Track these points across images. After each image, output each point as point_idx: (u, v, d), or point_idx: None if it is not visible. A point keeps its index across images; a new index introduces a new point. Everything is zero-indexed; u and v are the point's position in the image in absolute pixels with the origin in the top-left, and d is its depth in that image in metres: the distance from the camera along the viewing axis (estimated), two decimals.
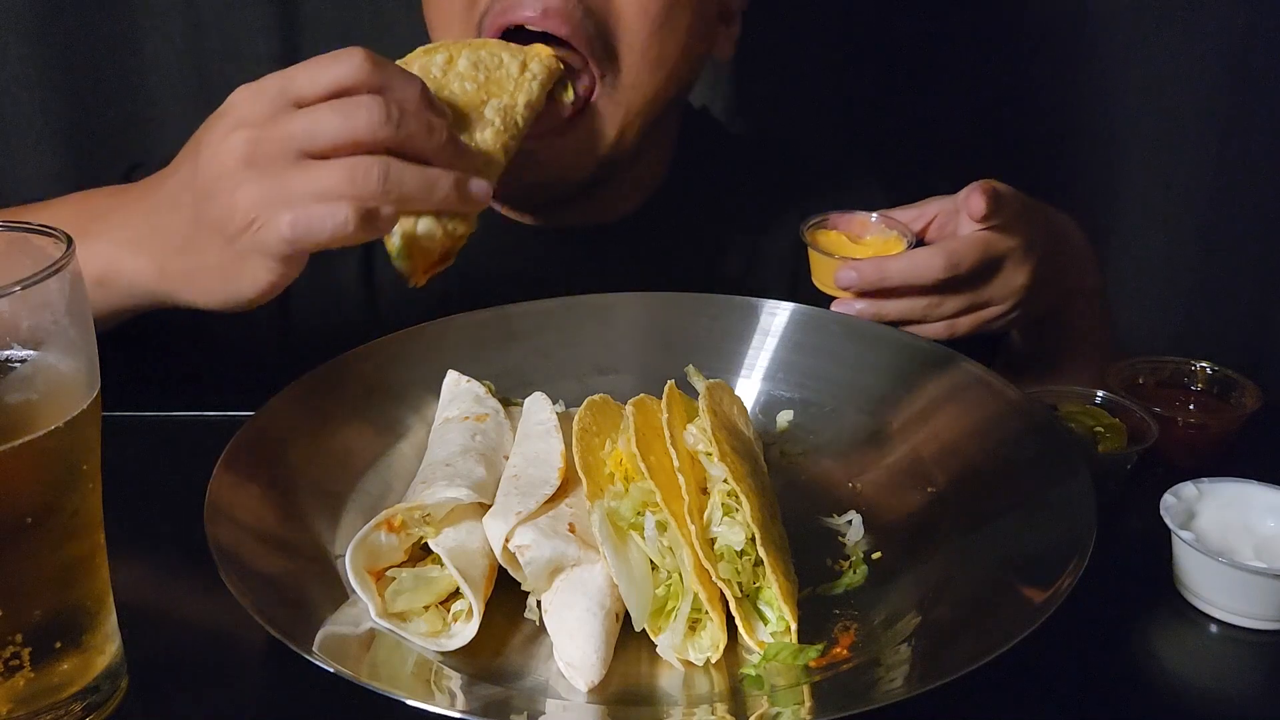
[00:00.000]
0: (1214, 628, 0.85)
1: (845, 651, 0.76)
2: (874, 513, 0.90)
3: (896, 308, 1.09)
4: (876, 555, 0.85)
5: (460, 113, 1.03)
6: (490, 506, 0.81)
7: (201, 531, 0.75)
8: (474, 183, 0.95)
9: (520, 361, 1.05)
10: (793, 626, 0.76)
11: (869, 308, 1.09)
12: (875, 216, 1.16)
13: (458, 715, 0.66)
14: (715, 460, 0.82)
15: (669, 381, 0.90)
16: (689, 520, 0.77)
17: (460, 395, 0.97)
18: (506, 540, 0.77)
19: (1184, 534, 0.85)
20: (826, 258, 1.12)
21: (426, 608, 0.77)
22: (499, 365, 1.03)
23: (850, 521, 0.89)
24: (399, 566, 0.78)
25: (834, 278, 1.10)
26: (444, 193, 0.93)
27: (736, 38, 1.34)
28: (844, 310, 1.10)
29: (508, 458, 0.89)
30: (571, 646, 0.73)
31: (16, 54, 1.70)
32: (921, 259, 1.08)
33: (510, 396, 0.99)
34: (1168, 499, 0.89)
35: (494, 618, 0.77)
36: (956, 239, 1.10)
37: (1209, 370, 1.10)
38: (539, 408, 0.94)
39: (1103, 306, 1.30)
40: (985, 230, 1.09)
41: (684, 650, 0.75)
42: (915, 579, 0.82)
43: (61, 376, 0.69)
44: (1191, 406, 1.08)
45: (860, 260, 1.09)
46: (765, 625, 0.77)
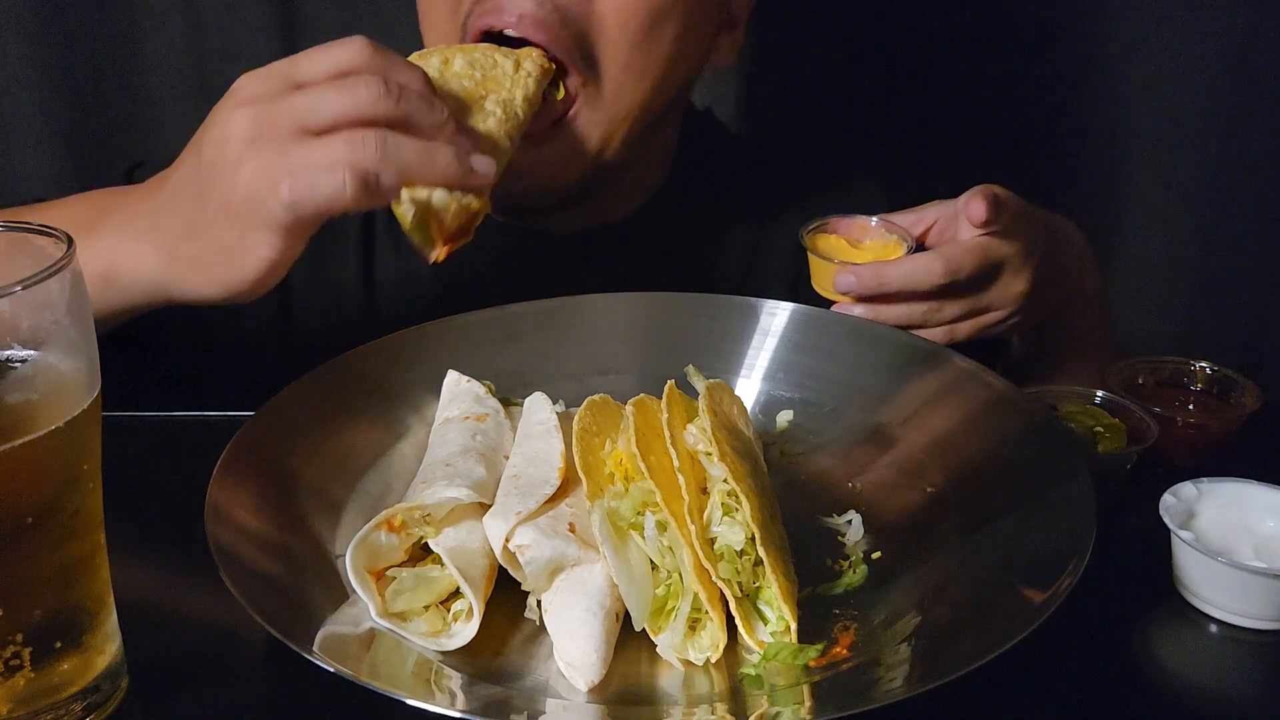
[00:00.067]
0: (1214, 628, 0.85)
1: (845, 651, 0.76)
2: (874, 513, 0.89)
3: (896, 313, 1.08)
4: (876, 555, 0.85)
5: (462, 105, 1.03)
6: (490, 506, 0.81)
7: (201, 531, 0.75)
8: (476, 158, 0.95)
9: (520, 361, 1.05)
10: (793, 626, 0.76)
11: (868, 313, 1.09)
12: (875, 221, 1.16)
13: (458, 715, 0.66)
14: (715, 460, 0.82)
15: (669, 381, 0.90)
16: (689, 520, 0.77)
17: (460, 395, 0.97)
18: (506, 540, 0.77)
19: (1184, 534, 0.85)
20: (826, 262, 1.11)
21: (427, 608, 0.77)
22: (499, 365, 1.03)
23: (850, 521, 0.89)
24: (399, 566, 0.78)
25: (833, 283, 1.09)
26: (445, 163, 0.93)
27: (739, 45, 1.32)
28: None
29: (508, 458, 0.89)
30: (571, 646, 0.73)
31: (16, 54, 1.70)
32: (921, 264, 1.07)
33: (510, 396, 0.99)
34: (1168, 499, 0.89)
35: (494, 618, 0.77)
36: (956, 244, 1.09)
37: (1209, 370, 1.10)
38: (539, 408, 0.94)
39: (1102, 309, 1.29)
40: (985, 236, 1.09)
41: (684, 650, 0.75)
42: (915, 579, 0.82)
43: (61, 376, 0.69)
44: (1191, 406, 1.08)
45: (859, 265, 1.09)
46: (765, 625, 0.77)
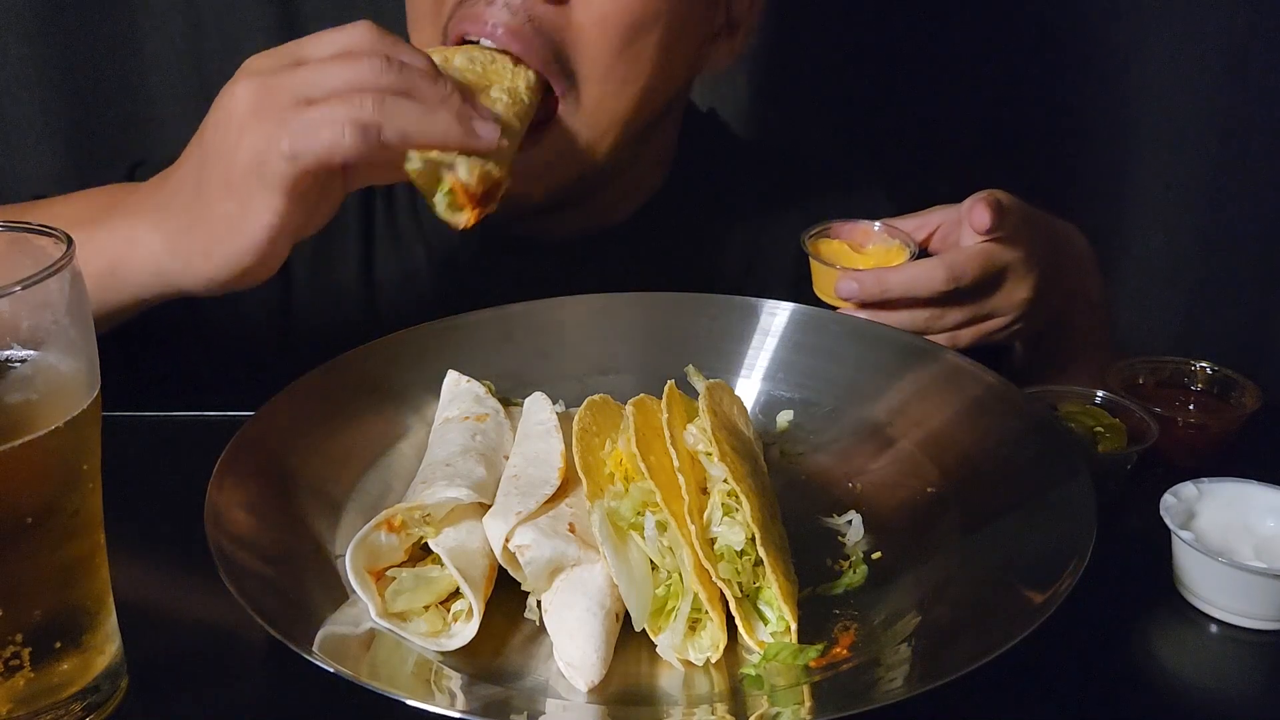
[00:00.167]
0: (1214, 628, 0.85)
1: (845, 651, 0.76)
2: (874, 513, 0.89)
3: (898, 320, 1.08)
4: (876, 555, 0.85)
5: (468, 91, 1.02)
6: (490, 506, 0.81)
7: (201, 531, 0.75)
8: (479, 122, 0.95)
9: (520, 362, 1.05)
10: (793, 626, 0.76)
11: (870, 319, 1.08)
12: (878, 226, 1.15)
13: (458, 715, 0.66)
14: (715, 460, 0.82)
15: (669, 381, 0.90)
16: (689, 520, 0.77)
17: (460, 395, 0.97)
18: (506, 540, 0.77)
19: (1184, 534, 0.85)
20: (827, 268, 1.11)
21: (426, 608, 0.77)
22: (499, 365, 1.03)
23: (850, 521, 0.89)
24: (399, 566, 0.78)
25: (835, 289, 1.09)
26: (445, 124, 0.93)
27: (739, 50, 1.31)
28: None
29: (508, 458, 0.89)
30: (571, 646, 0.73)
31: (16, 54, 1.70)
32: (923, 271, 1.07)
33: (510, 396, 0.99)
34: (1168, 499, 0.89)
35: (494, 618, 0.77)
36: (959, 250, 1.09)
37: (1209, 370, 1.10)
38: (539, 408, 0.94)
39: (1105, 313, 1.29)
40: (988, 241, 1.08)
41: (684, 650, 0.75)
42: (915, 579, 0.82)
43: (61, 376, 0.69)
44: (1191, 406, 1.08)
45: (861, 271, 1.08)
46: (765, 625, 0.77)
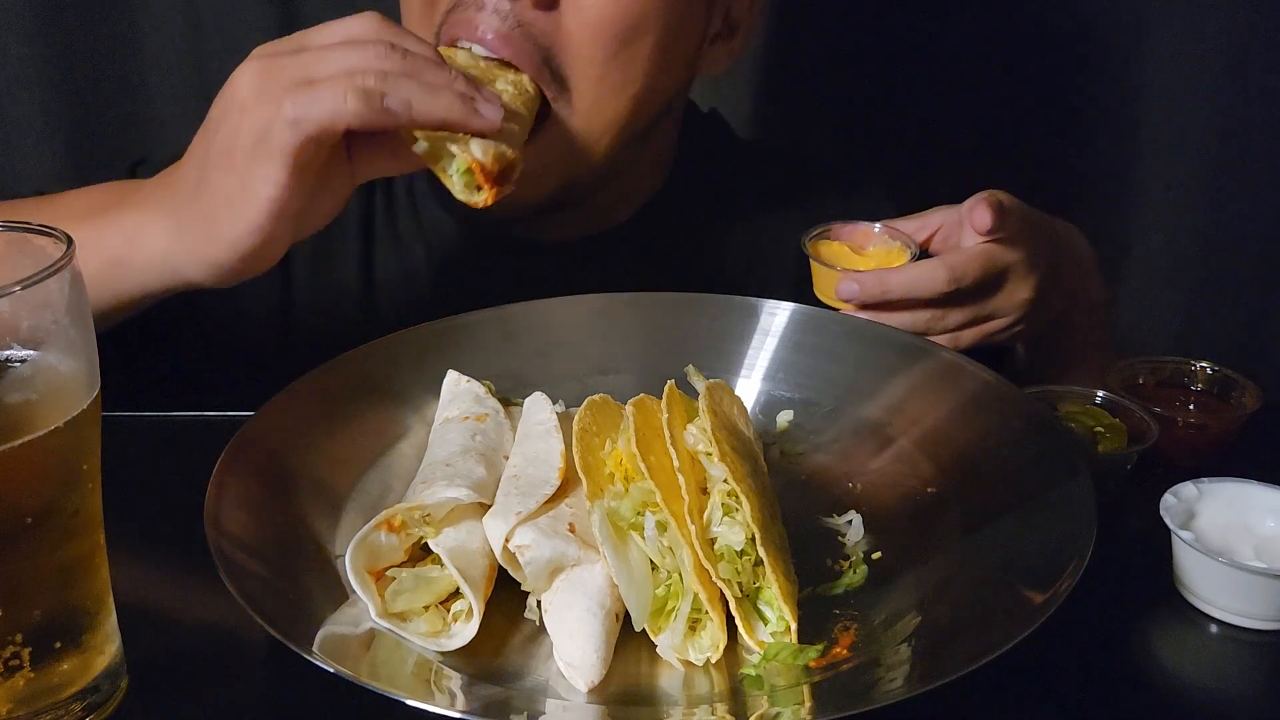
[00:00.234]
0: (1214, 628, 0.85)
1: (845, 651, 0.76)
2: (874, 513, 0.89)
3: (899, 321, 1.08)
4: (876, 555, 0.85)
5: (474, 80, 1.02)
6: (490, 506, 0.81)
7: (201, 531, 0.75)
8: (482, 103, 0.95)
9: (520, 361, 1.05)
10: (793, 626, 0.76)
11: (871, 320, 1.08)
12: (878, 227, 1.15)
13: (458, 715, 0.66)
14: (715, 460, 0.82)
15: (669, 381, 0.90)
16: (689, 520, 0.77)
17: (460, 395, 0.97)
18: (506, 540, 0.77)
19: (1184, 534, 0.85)
20: (828, 269, 1.10)
21: (426, 608, 0.77)
22: (499, 365, 1.03)
23: (850, 521, 0.89)
24: (399, 566, 0.78)
25: (835, 290, 1.08)
26: (448, 101, 0.93)
27: (739, 52, 1.30)
28: None
29: (508, 458, 0.89)
30: (571, 646, 0.73)
31: (16, 54, 1.70)
32: (924, 272, 1.06)
33: (510, 396, 0.99)
34: (1168, 499, 0.89)
35: (494, 618, 0.77)
36: (960, 252, 1.09)
37: (1209, 370, 1.10)
38: (539, 408, 0.94)
39: (1106, 314, 1.29)
40: (990, 243, 1.08)
41: (684, 650, 0.75)
42: (915, 579, 0.82)
43: (61, 376, 0.69)
44: (1191, 406, 1.08)
45: (861, 273, 1.08)
46: (765, 625, 0.77)
